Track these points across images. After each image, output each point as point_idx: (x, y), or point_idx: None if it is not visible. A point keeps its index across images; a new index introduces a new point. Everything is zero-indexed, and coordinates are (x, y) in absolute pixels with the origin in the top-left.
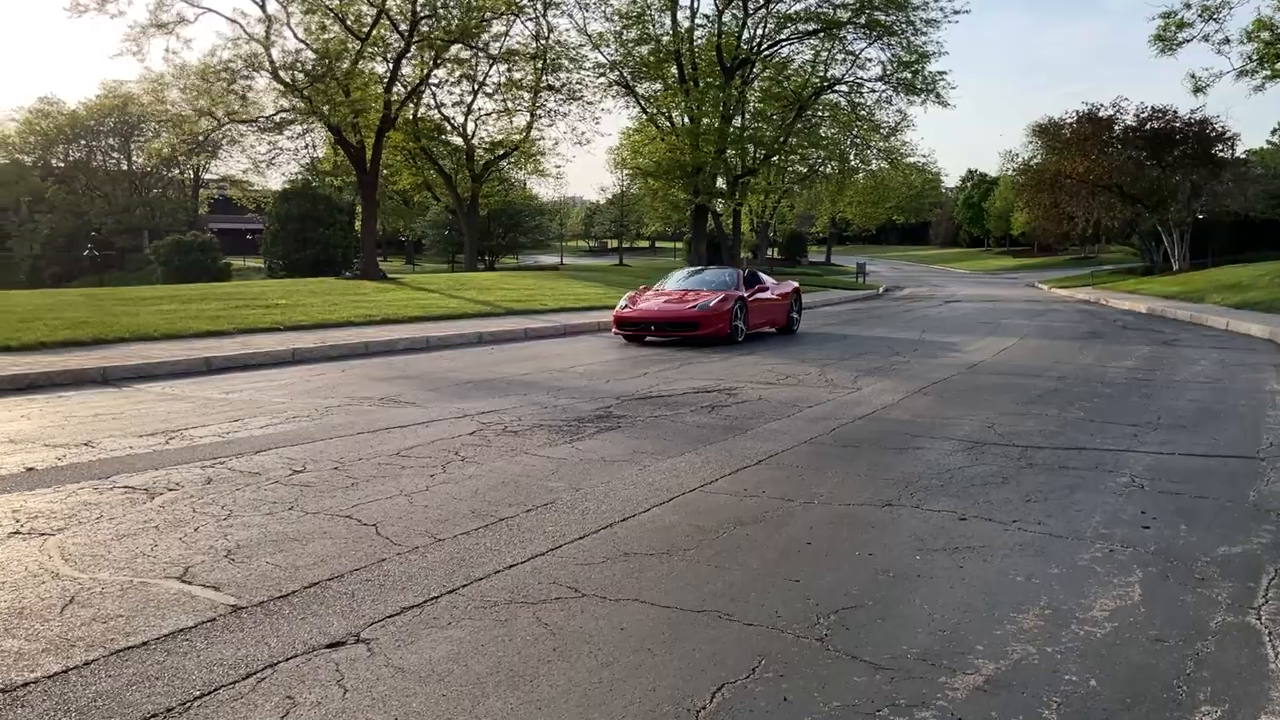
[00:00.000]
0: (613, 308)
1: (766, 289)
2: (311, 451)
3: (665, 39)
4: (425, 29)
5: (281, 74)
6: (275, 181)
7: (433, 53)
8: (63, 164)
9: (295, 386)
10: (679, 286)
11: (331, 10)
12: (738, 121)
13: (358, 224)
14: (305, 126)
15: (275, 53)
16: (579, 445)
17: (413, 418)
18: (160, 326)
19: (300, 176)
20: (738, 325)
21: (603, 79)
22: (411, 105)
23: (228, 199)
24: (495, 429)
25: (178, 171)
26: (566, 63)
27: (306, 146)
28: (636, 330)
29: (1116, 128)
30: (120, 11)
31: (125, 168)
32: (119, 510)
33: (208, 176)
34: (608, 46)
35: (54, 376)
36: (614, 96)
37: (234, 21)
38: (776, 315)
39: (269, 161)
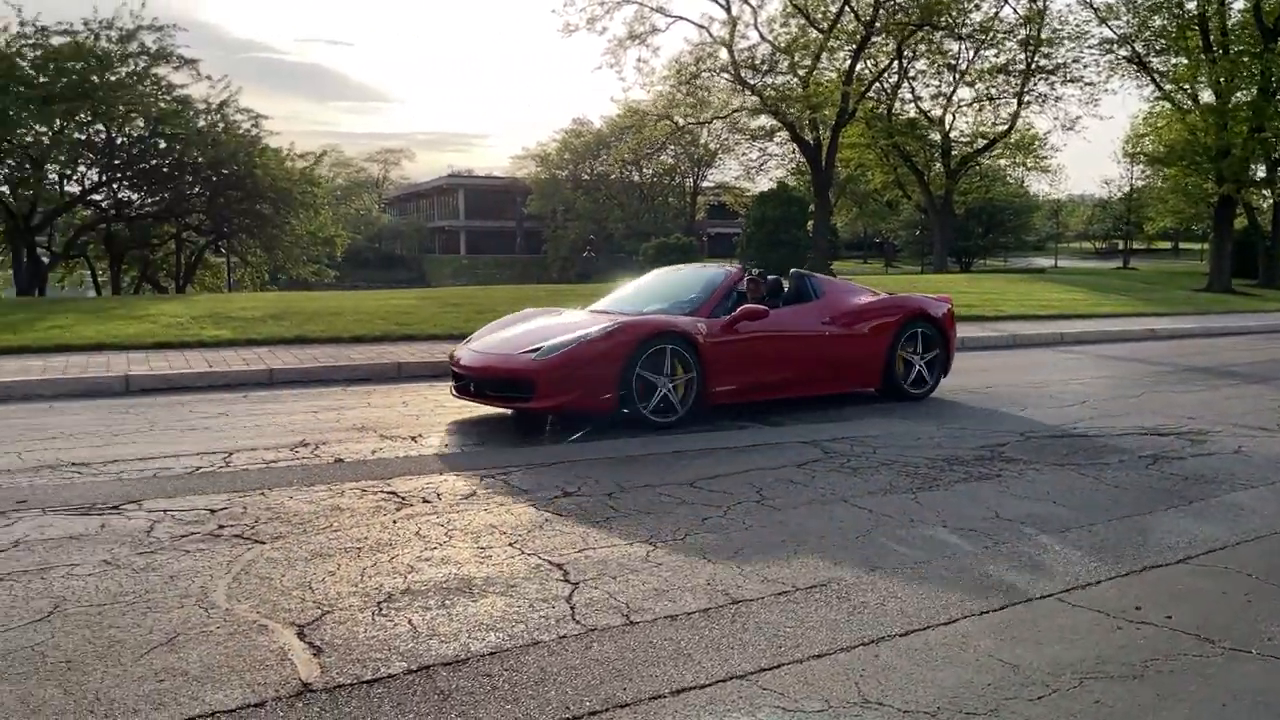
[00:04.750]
0: (1088, 317)
1: (790, 313)
2: (439, 483)
3: (1189, 3)
4: (899, 19)
5: (743, 74)
6: (765, 186)
7: (896, 41)
8: (588, 177)
9: None
10: (603, 305)
11: (797, 6)
12: None
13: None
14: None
15: (733, 53)
16: (921, 497)
17: (754, 439)
18: None
19: (782, 180)
20: (660, 391)
21: (1109, 55)
22: (882, 99)
23: (722, 204)
24: (836, 460)
25: (679, 179)
26: (1065, 40)
27: (794, 151)
28: (464, 389)
29: None
30: (604, 28)
31: (636, 179)
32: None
33: (705, 184)
34: (1117, 19)
35: (357, 370)
36: (1122, 75)
37: (701, 27)
38: (839, 366)
39: (758, 167)
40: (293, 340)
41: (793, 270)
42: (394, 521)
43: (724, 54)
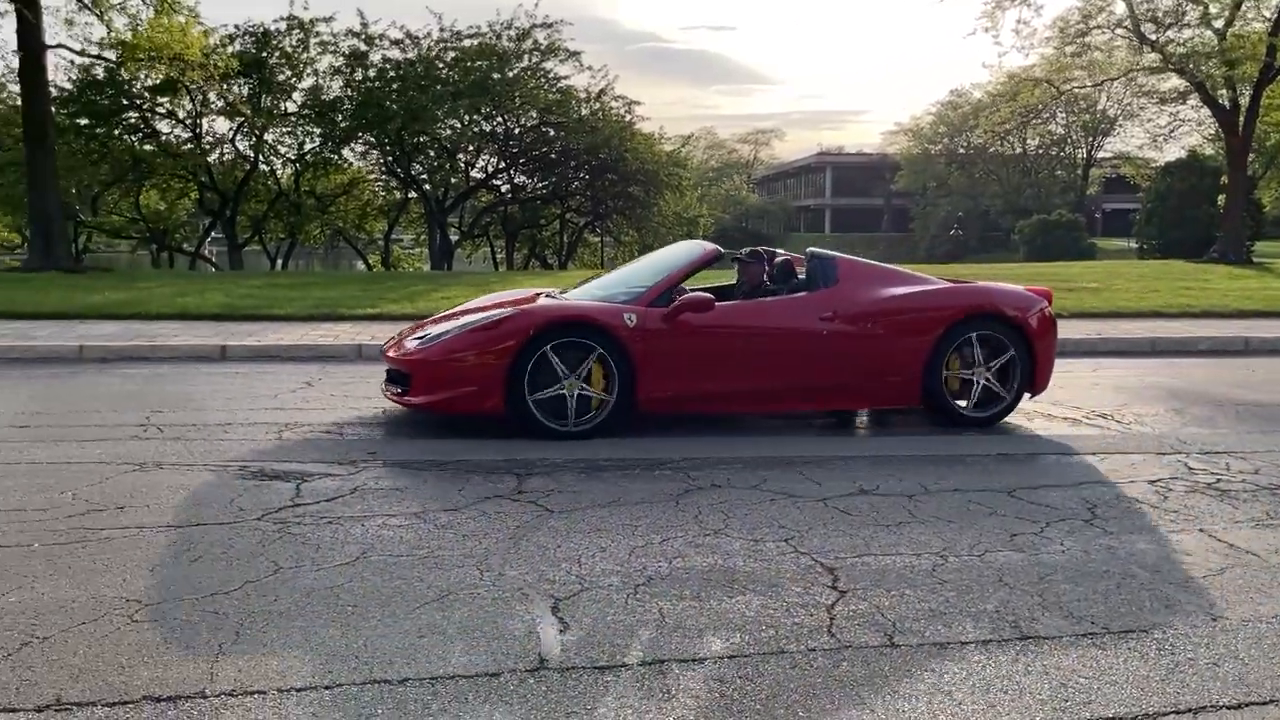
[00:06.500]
0: None
1: (771, 305)
2: (730, 470)
3: None
4: None
5: (1143, 29)
6: (1174, 156)
7: None
8: (964, 150)
9: None
10: (578, 290)
11: None
12: None
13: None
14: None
15: (1132, 5)
16: None
17: (1101, 445)
18: None
19: (1194, 148)
20: (566, 393)
21: None
22: None
23: (1121, 177)
24: (1202, 478)
25: (1069, 150)
26: None
27: (1210, 118)
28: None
29: None
30: None
31: (1018, 150)
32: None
33: (1101, 155)
34: None
35: None
36: None
37: None
38: (847, 374)
39: (1167, 134)
40: None
41: (808, 250)
42: (677, 503)
43: (1120, 7)
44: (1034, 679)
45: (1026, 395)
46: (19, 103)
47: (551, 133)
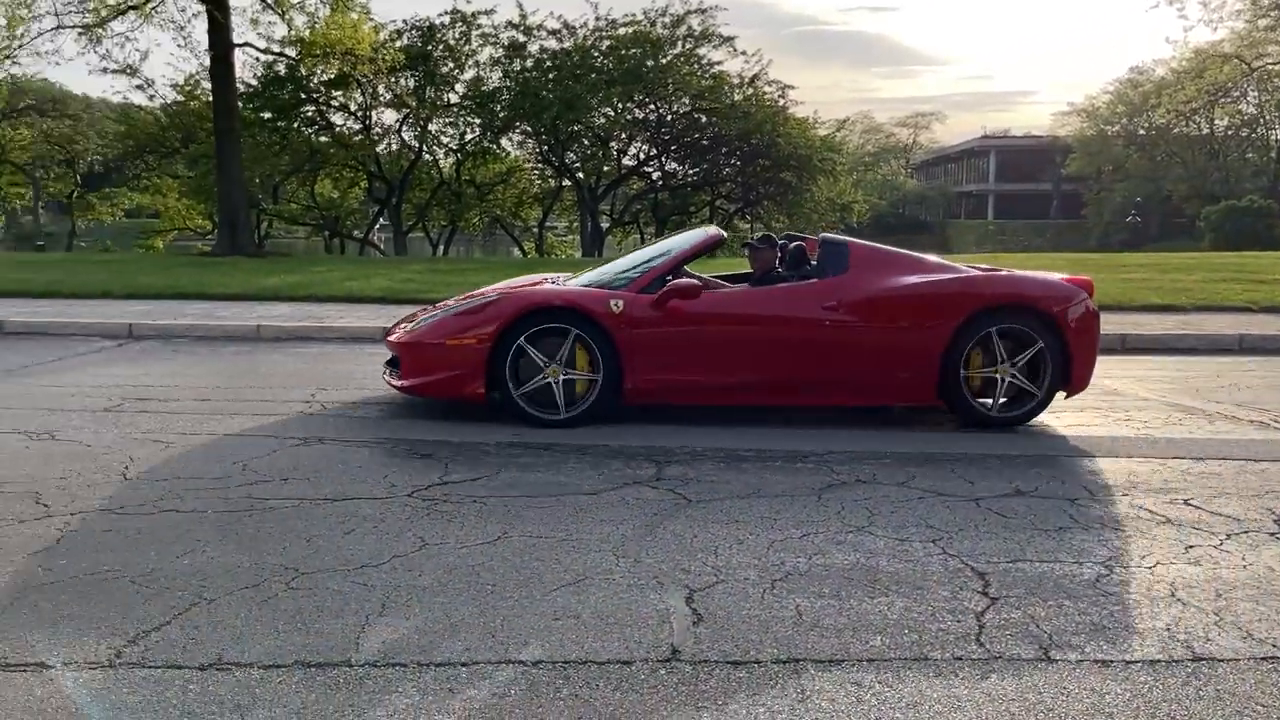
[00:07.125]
0: None
1: (768, 294)
2: (877, 464)
3: None
4: None
5: None
6: None
7: None
8: (1144, 131)
9: (1190, 381)
10: (587, 275)
11: None
12: None
13: None
14: None
15: None
16: None
17: (1263, 451)
18: (1114, 296)
19: None
20: (543, 380)
21: None
22: None
23: None
24: None
25: (1261, 131)
26: None
27: None
28: None
29: None
30: None
31: (1205, 132)
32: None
33: None
34: None
35: None
36: None
37: None
38: (850, 367)
39: None
40: None
41: (821, 235)
42: (819, 498)
43: None
44: (1206, 704)
45: (1060, 394)
46: (210, 99)
47: (703, 119)
